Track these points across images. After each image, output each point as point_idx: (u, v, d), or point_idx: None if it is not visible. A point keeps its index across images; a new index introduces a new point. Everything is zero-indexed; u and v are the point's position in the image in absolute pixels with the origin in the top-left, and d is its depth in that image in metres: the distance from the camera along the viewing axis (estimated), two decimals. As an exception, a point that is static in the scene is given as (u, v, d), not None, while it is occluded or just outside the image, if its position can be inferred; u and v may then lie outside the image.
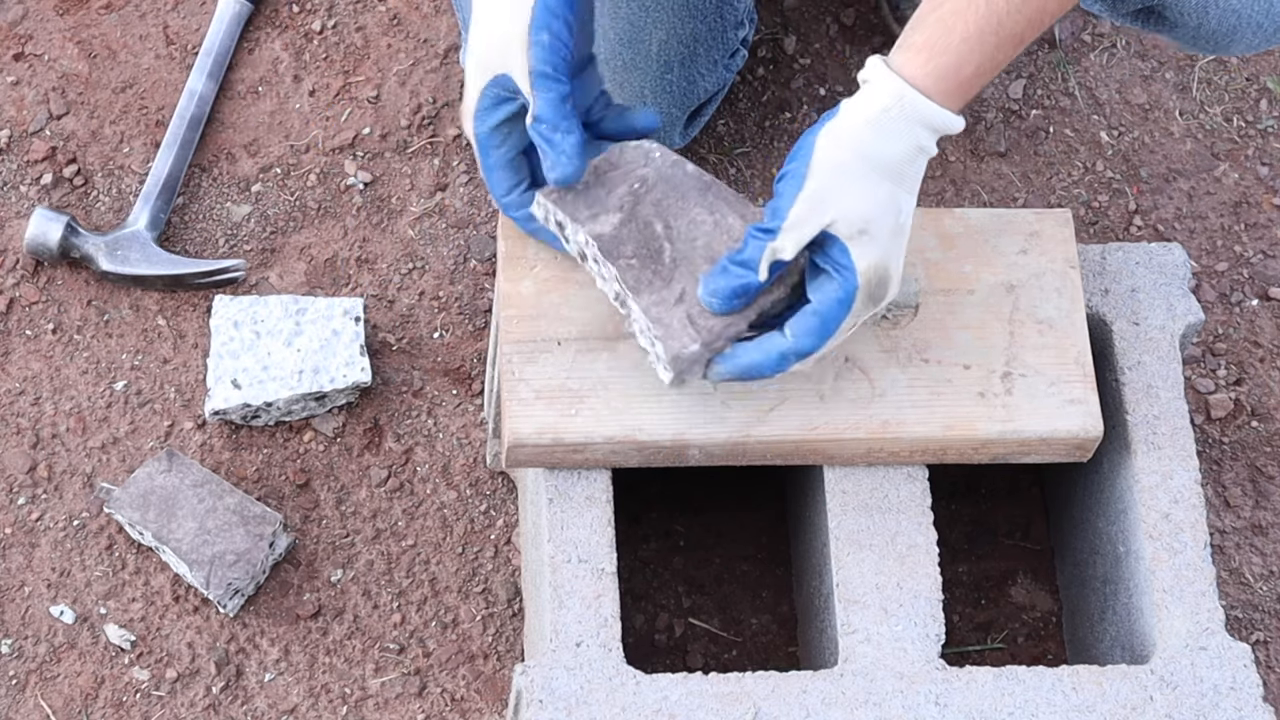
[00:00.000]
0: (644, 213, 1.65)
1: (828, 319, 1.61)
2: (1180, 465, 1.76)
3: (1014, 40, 1.61)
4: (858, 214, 1.58)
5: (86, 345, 2.07)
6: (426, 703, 1.94)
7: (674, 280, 1.64)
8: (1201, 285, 2.14)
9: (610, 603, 1.68)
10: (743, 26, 2.06)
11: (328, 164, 2.16)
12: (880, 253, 1.60)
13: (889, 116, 1.58)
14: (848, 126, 1.59)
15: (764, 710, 1.66)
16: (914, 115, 1.59)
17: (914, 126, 1.59)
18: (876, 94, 1.59)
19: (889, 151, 1.59)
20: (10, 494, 2.00)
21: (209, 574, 1.92)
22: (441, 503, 2.02)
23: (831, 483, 1.74)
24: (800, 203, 1.58)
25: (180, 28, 2.22)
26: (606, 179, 1.66)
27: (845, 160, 1.58)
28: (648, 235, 1.65)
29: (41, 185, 2.13)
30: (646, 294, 1.63)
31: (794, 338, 1.61)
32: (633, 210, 1.65)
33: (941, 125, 1.60)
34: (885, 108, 1.58)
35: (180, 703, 1.93)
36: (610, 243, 1.64)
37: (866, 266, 1.60)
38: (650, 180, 1.66)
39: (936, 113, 1.59)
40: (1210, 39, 1.82)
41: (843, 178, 1.58)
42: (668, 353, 1.62)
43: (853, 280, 1.59)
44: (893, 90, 1.58)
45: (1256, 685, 1.69)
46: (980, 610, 2.02)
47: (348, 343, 2.02)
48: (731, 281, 1.60)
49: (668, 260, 1.64)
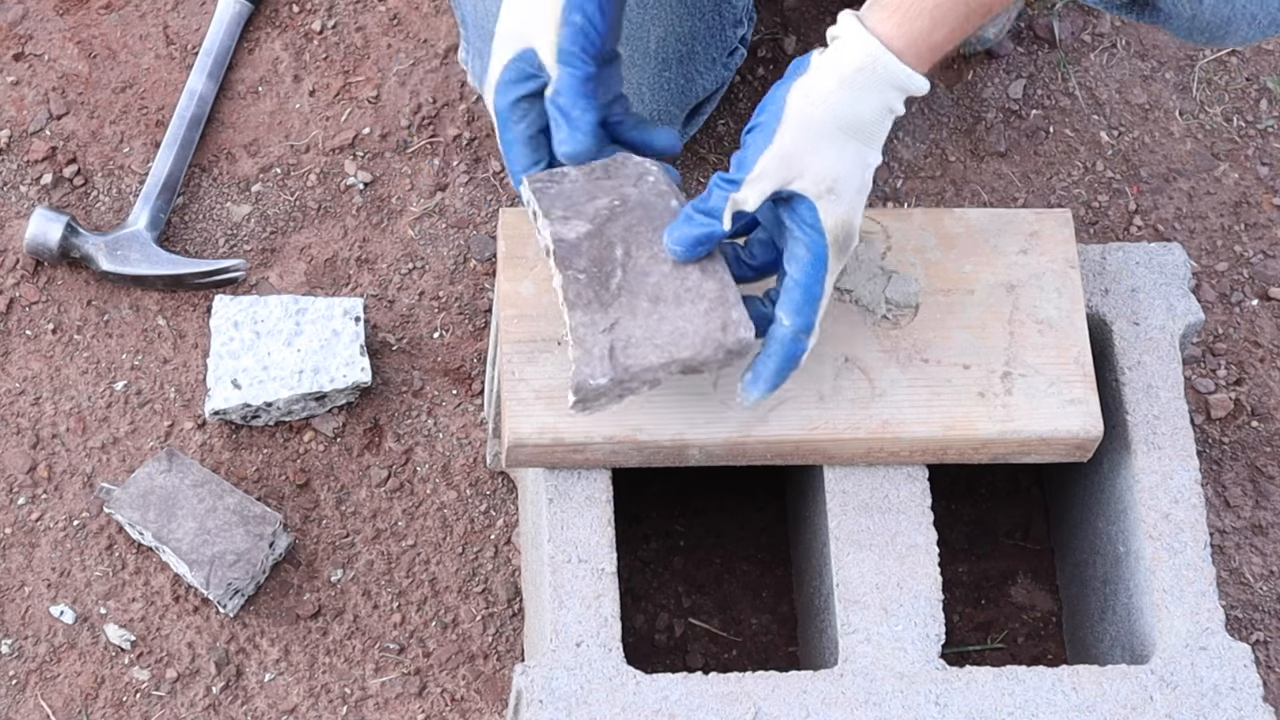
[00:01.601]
0: (611, 232, 1.64)
1: (810, 284, 1.61)
2: (1180, 465, 1.76)
3: (983, 9, 1.62)
4: (827, 173, 1.59)
5: (86, 345, 2.07)
6: (426, 703, 1.94)
7: (611, 307, 1.62)
8: (1201, 285, 2.14)
9: (610, 603, 1.68)
10: (741, 24, 2.06)
11: (328, 164, 2.16)
12: (845, 209, 1.61)
13: (862, 76, 1.59)
14: (819, 84, 1.59)
15: (764, 710, 1.66)
16: (886, 76, 1.59)
17: (885, 87, 1.59)
18: (850, 52, 1.59)
19: (860, 111, 1.59)
20: (10, 494, 2.00)
21: (209, 574, 1.92)
22: (441, 503, 2.02)
23: (831, 483, 1.74)
24: (767, 156, 1.58)
25: (180, 28, 2.22)
26: (596, 185, 1.65)
27: (817, 117, 1.58)
28: (605, 255, 1.63)
29: (41, 185, 2.13)
30: (580, 312, 1.62)
31: (790, 317, 1.62)
32: (602, 226, 1.64)
33: (910, 86, 1.60)
34: (859, 67, 1.58)
35: (180, 703, 1.93)
36: (567, 250, 1.63)
37: (834, 224, 1.61)
38: (630, 202, 1.65)
39: (908, 75, 1.59)
40: (1205, 30, 1.82)
41: (814, 136, 1.59)
42: (575, 377, 1.61)
43: (821, 240, 1.60)
44: (867, 50, 1.58)
45: (1256, 685, 1.69)
46: (980, 610, 2.02)
47: (348, 342, 2.02)
48: (694, 229, 1.60)
49: (613, 287, 1.63)
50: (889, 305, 1.75)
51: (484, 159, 2.16)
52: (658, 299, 1.63)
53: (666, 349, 1.62)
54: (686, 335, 1.61)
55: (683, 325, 1.62)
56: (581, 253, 1.63)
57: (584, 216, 1.64)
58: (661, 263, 1.63)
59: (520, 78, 1.66)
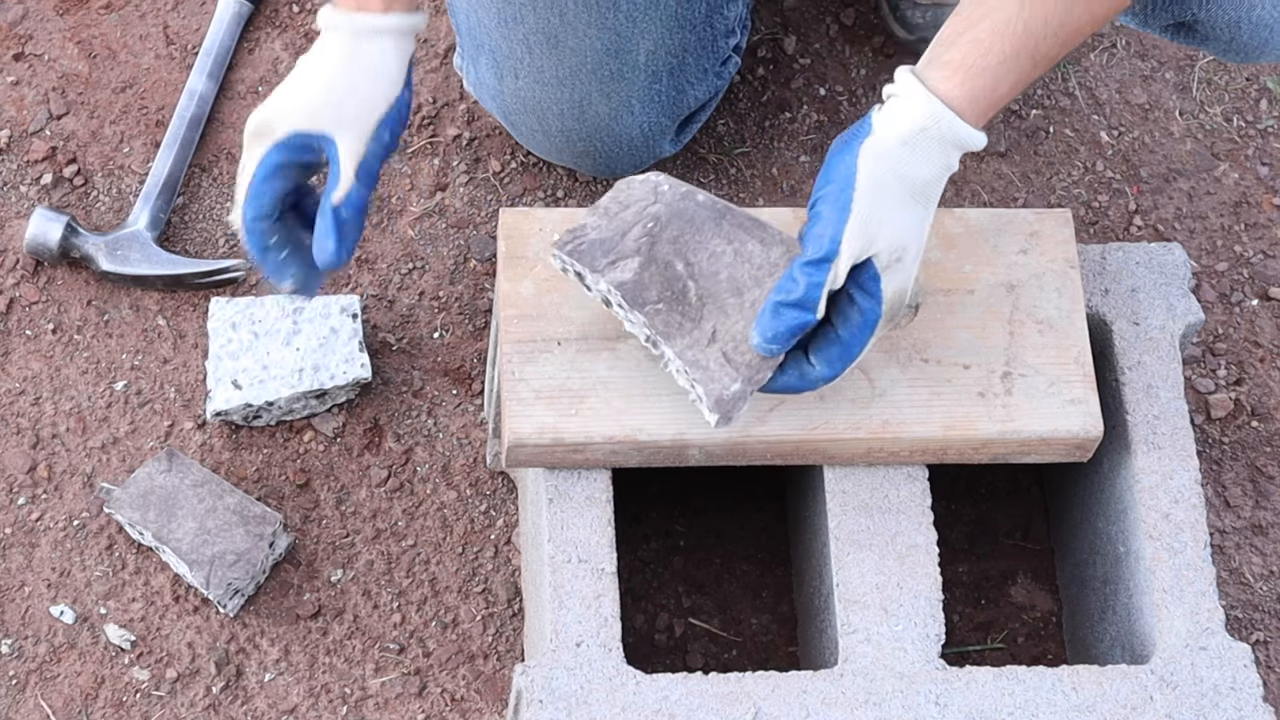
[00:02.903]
0: (662, 253, 1.64)
1: (852, 345, 1.60)
2: (1180, 465, 1.76)
3: (1047, 61, 1.59)
4: (897, 241, 1.57)
5: (86, 345, 2.07)
6: (426, 703, 1.94)
7: (703, 319, 1.62)
8: (1201, 285, 2.14)
9: (610, 603, 1.68)
10: (734, 34, 2.05)
11: (328, 164, 2.16)
12: (905, 277, 1.60)
13: (926, 137, 1.57)
14: (884, 147, 1.56)
15: (764, 710, 1.66)
16: (949, 136, 1.57)
17: (947, 147, 1.58)
18: (912, 112, 1.57)
19: (922, 173, 1.57)
20: (10, 494, 2.00)
21: (209, 574, 1.92)
22: (441, 503, 2.02)
23: (831, 483, 1.74)
24: (850, 232, 1.55)
25: (180, 28, 2.22)
26: (618, 220, 1.65)
27: (886, 183, 1.56)
28: (669, 276, 1.63)
29: (41, 185, 2.13)
30: (679, 338, 1.62)
31: (820, 366, 1.61)
32: (650, 252, 1.63)
33: (970, 144, 1.59)
34: (922, 128, 1.56)
35: (180, 703, 1.93)
36: (633, 290, 1.62)
37: (892, 293, 1.59)
38: (663, 217, 1.64)
39: (969, 133, 1.58)
40: (1242, 50, 1.82)
41: (885, 202, 1.56)
42: (709, 396, 1.61)
43: (878, 309, 1.59)
44: (930, 110, 1.56)
45: (1256, 685, 1.69)
46: (980, 610, 2.02)
47: (346, 339, 2.02)
48: (790, 323, 1.58)
49: (694, 300, 1.63)
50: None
51: (484, 159, 2.16)
52: (739, 290, 1.62)
53: None
54: None
55: None
56: (646, 285, 1.62)
57: (628, 252, 1.64)
58: (723, 256, 1.63)
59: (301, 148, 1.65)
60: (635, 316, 1.63)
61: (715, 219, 1.65)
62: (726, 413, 1.62)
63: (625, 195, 1.66)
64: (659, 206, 1.65)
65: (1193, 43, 1.85)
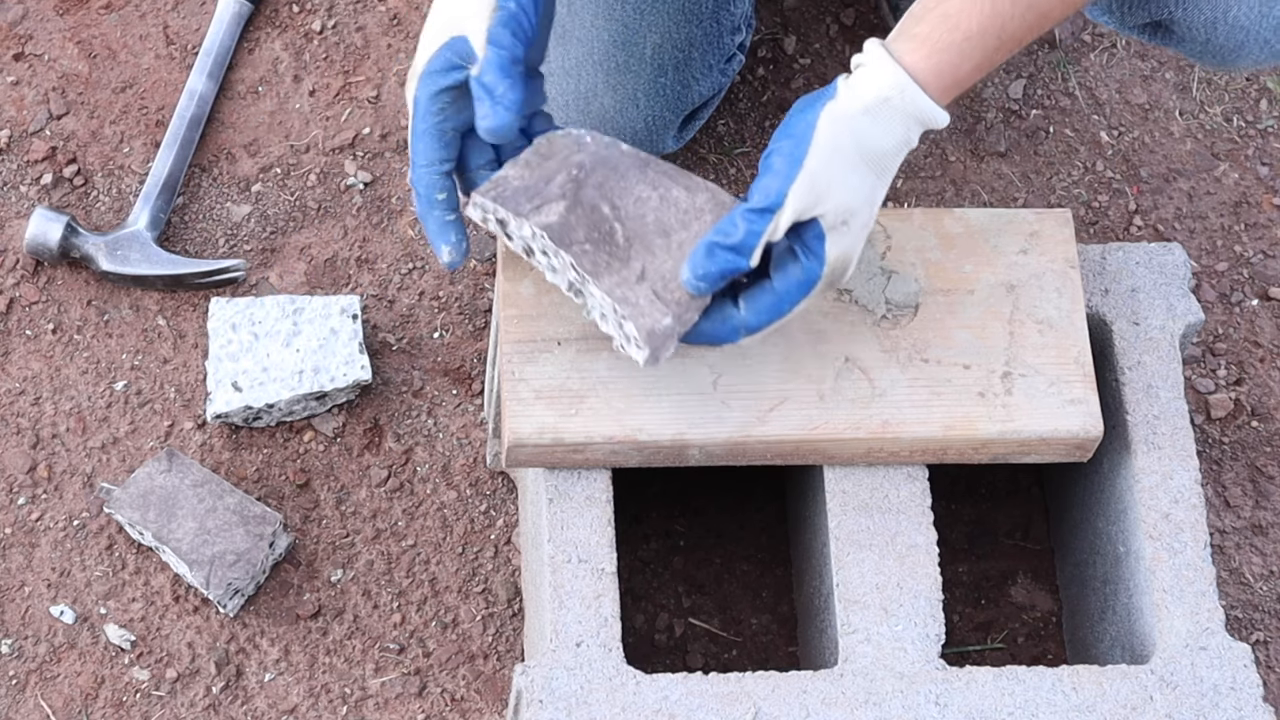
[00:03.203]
0: (588, 197, 1.63)
1: (784, 299, 1.60)
2: (1180, 465, 1.76)
3: (1014, 42, 1.60)
4: (845, 205, 1.58)
5: (86, 345, 2.07)
6: (426, 703, 1.94)
7: (631, 259, 1.62)
8: (1201, 285, 2.14)
9: (610, 603, 1.68)
10: (739, 32, 2.05)
11: (328, 164, 2.16)
12: (850, 243, 1.60)
13: (888, 107, 1.58)
14: (846, 111, 1.57)
15: (764, 710, 1.66)
16: (911, 109, 1.58)
17: (908, 120, 1.58)
18: (877, 81, 1.58)
19: (881, 142, 1.58)
20: (10, 494, 2.00)
21: (209, 574, 1.92)
22: (441, 503, 2.02)
23: (831, 483, 1.74)
24: (798, 186, 1.56)
25: (180, 28, 2.22)
26: (543, 168, 1.64)
27: (844, 147, 1.57)
28: (596, 218, 1.62)
29: (41, 185, 2.13)
30: (607, 276, 1.61)
31: (748, 313, 1.61)
32: (576, 196, 1.63)
33: (932, 119, 1.59)
34: (885, 98, 1.57)
35: (180, 703, 1.93)
36: (560, 231, 1.61)
37: (836, 256, 1.59)
38: (587, 165, 1.64)
39: (930, 108, 1.58)
40: (1218, 53, 1.82)
41: (839, 164, 1.57)
42: (640, 330, 1.60)
43: (819, 269, 1.59)
44: (894, 81, 1.57)
45: (1256, 685, 1.69)
46: (980, 610, 2.02)
47: (346, 341, 2.02)
48: (723, 265, 1.58)
49: (621, 240, 1.63)
50: (889, 305, 1.75)
51: (484, 159, 2.16)
52: (666, 232, 1.62)
53: None
54: None
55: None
56: (573, 226, 1.62)
57: (553, 197, 1.63)
58: (649, 201, 1.63)
59: (446, 67, 1.61)
60: (561, 258, 1.61)
61: (640, 166, 1.65)
62: (656, 349, 1.60)
63: (547, 148, 1.65)
64: (583, 155, 1.64)
65: (1168, 44, 1.85)
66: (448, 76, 1.61)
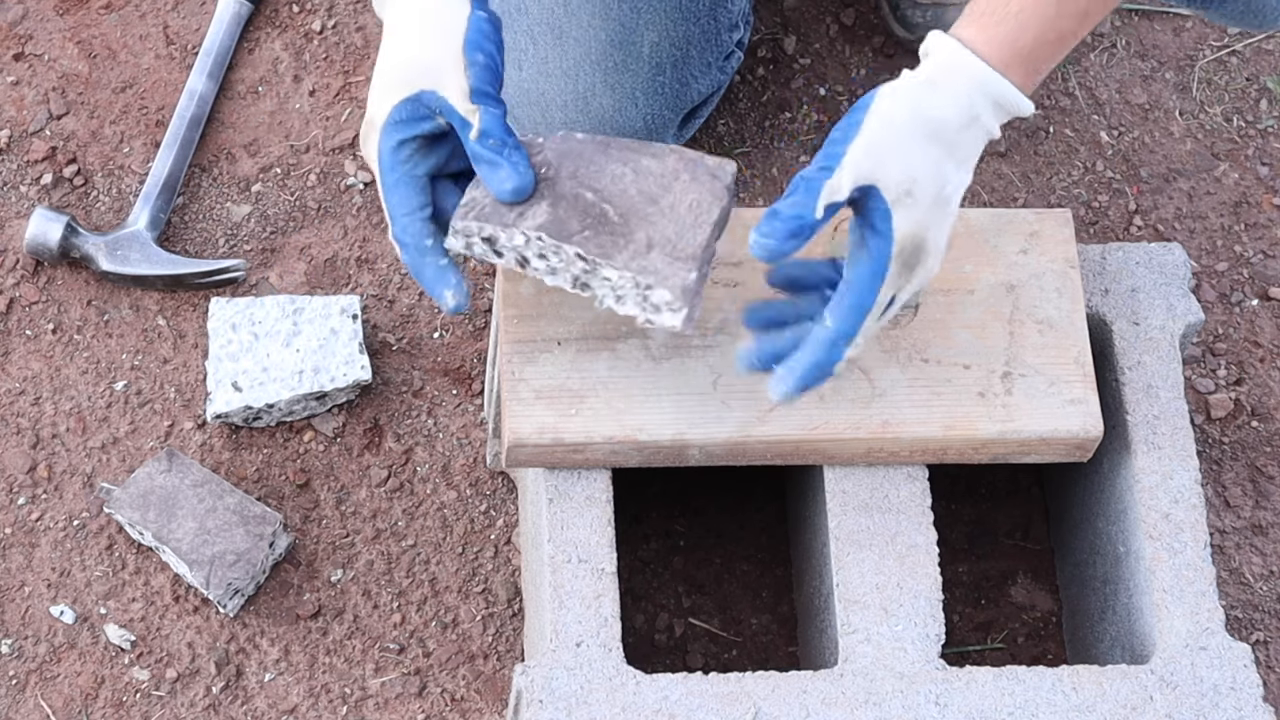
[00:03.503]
0: (567, 189, 1.62)
1: (863, 292, 1.57)
2: (1180, 465, 1.76)
3: (1076, 14, 1.59)
4: (906, 174, 1.56)
5: (86, 345, 2.07)
6: (426, 703, 1.94)
7: (633, 232, 1.61)
8: (1201, 285, 2.14)
9: (610, 603, 1.68)
10: (737, 29, 2.05)
11: (328, 164, 2.16)
12: (919, 219, 1.57)
13: (944, 74, 1.57)
14: (904, 86, 1.58)
15: (764, 710, 1.66)
16: (970, 77, 1.57)
17: (971, 90, 1.57)
18: (934, 57, 1.59)
19: (942, 112, 1.57)
20: (10, 494, 2.00)
21: (209, 574, 1.92)
22: (441, 503, 2.02)
23: (831, 483, 1.74)
24: (855, 147, 1.55)
25: (180, 28, 2.22)
26: None
27: (900, 118, 1.56)
28: (584, 206, 1.62)
29: (41, 185, 2.13)
30: (619, 254, 1.60)
31: (833, 321, 1.58)
32: (555, 191, 1.62)
33: (1000, 94, 1.58)
34: (941, 66, 1.58)
35: (180, 703, 1.93)
36: (555, 227, 1.60)
37: (904, 233, 1.56)
38: (552, 161, 1.63)
39: (993, 78, 1.57)
40: (1259, 13, 1.81)
41: (895, 135, 1.56)
42: (672, 290, 1.58)
43: (888, 248, 1.56)
44: (949, 49, 1.57)
45: (1256, 685, 1.69)
46: (980, 610, 2.02)
47: (346, 341, 2.02)
48: (788, 222, 1.54)
49: (615, 218, 1.62)
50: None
51: (484, 159, 2.16)
52: (653, 198, 1.63)
53: (700, 222, 1.62)
54: (700, 201, 1.63)
55: (688, 199, 1.63)
56: (564, 219, 1.61)
57: (532, 200, 1.62)
58: (624, 177, 1.64)
59: (414, 118, 1.60)
60: (564, 253, 1.60)
61: (602, 148, 1.65)
62: (690, 305, 1.59)
63: None
64: (543, 154, 1.64)
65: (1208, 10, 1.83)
66: (416, 127, 1.60)
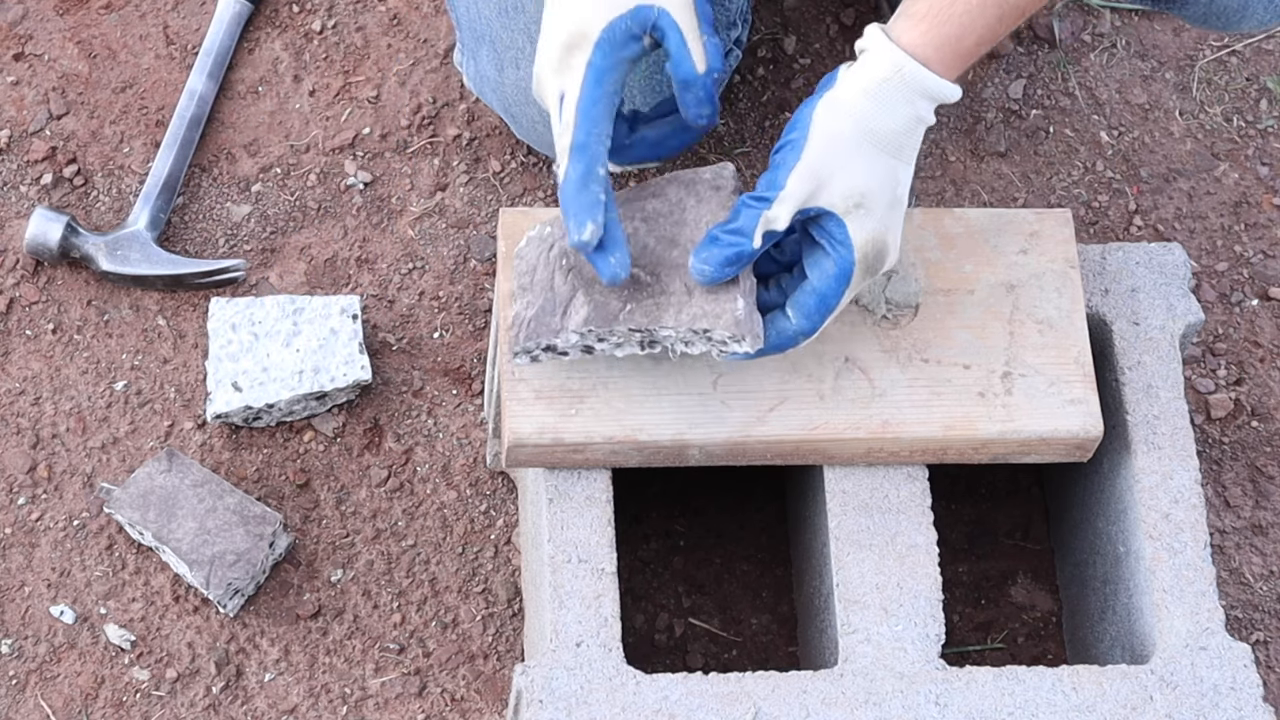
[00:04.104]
0: (591, 273, 1.63)
1: (827, 295, 1.60)
2: (1180, 465, 1.76)
3: (1016, 13, 1.59)
4: (853, 188, 1.57)
5: (86, 345, 2.07)
6: (426, 703, 1.94)
7: (669, 285, 1.62)
8: (1201, 285, 2.14)
9: (610, 603, 1.68)
10: (735, 27, 2.05)
11: (328, 164, 2.16)
12: (876, 225, 1.59)
13: (888, 87, 1.57)
14: (845, 98, 1.57)
15: (764, 710, 1.66)
16: (913, 86, 1.57)
17: (913, 97, 1.58)
18: (875, 64, 1.58)
19: (887, 124, 1.58)
20: (10, 494, 2.00)
21: (209, 574, 1.92)
22: (441, 503, 2.02)
23: (831, 483, 1.74)
24: (796, 174, 1.56)
25: (180, 28, 2.22)
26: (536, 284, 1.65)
27: (843, 132, 1.57)
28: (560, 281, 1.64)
29: (41, 185, 2.13)
30: (667, 314, 1.61)
31: (795, 318, 1.61)
32: (583, 279, 1.63)
33: (939, 94, 1.58)
34: (884, 79, 1.57)
35: (180, 703, 1.93)
36: (600, 315, 1.62)
37: (864, 240, 1.59)
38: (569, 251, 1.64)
39: (935, 83, 1.58)
40: (1221, 15, 1.81)
41: (840, 151, 1.57)
42: (729, 328, 1.59)
43: (849, 256, 1.59)
44: (891, 61, 1.57)
45: (1256, 685, 1.69)
46: (980, 610, 2.02)
47: (346, 341, 2.02)
48: (724, 250, 1.57)
49: (647, 278, 1.62)
50: (889, 305, 1.75)
51: (484, 159, 2.16)
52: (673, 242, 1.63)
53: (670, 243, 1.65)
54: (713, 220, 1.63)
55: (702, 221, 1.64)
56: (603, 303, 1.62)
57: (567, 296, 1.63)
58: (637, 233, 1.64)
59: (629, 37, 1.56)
60: (619, 330, 1.62)
61: None
62: (751, 330, 1.60)
63: (524, 264, 1.67)
64: (557, 246, 1.65)
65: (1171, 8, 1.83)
66: (627, 48, 1.57)
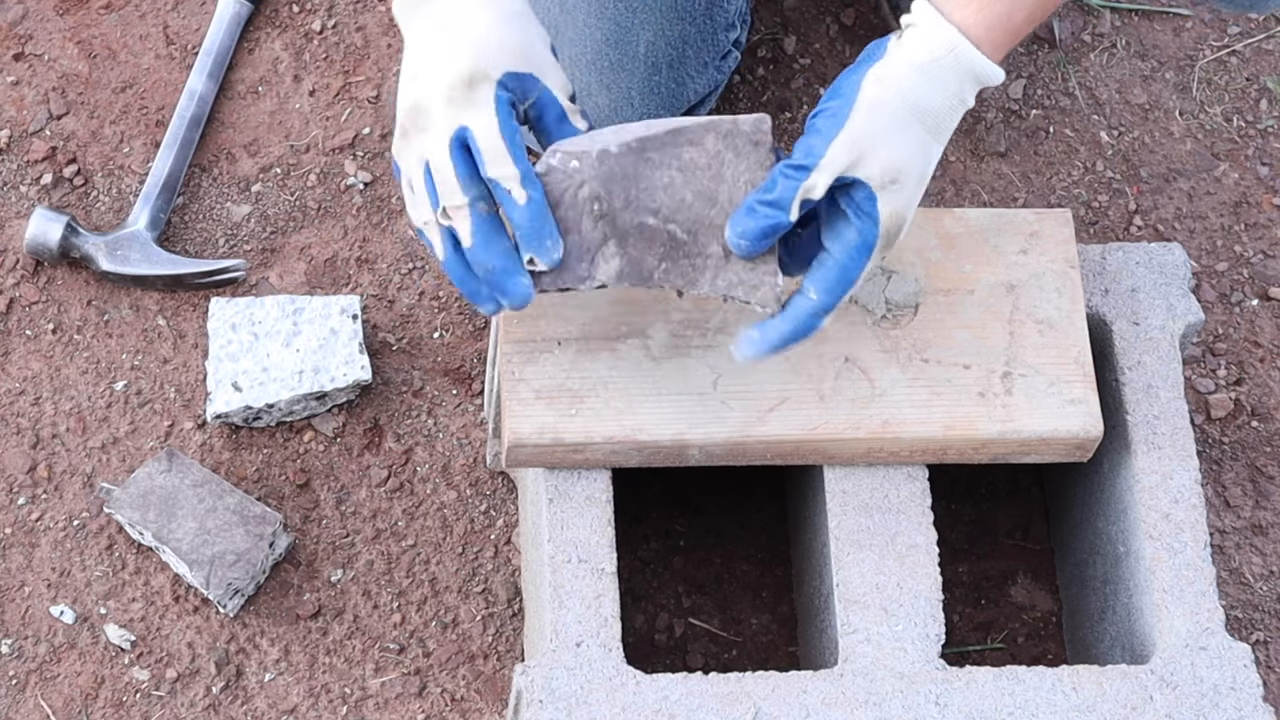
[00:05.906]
0: (626, 221, 1.58)
1: (849, 268, 1.57)
2: (1180, 465, 1.76)
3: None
4: (892, 163, 1.56)
5: (86, 345, 2.07)
6: (426, 703, 1.94)
7: (706, 246, 1.59)
8: (1201, 285, 2.14)
9: (610, 603, 1.68)
10: (734, 28, 2.05)
11: (328, 164, 2.16)
12: (904, 202, 1.57)
13: (940, 66, 1.56)
14: (896, 71, 1.56)
15: (764, 710, 1.66)
16: (964, 66, 1.56)
17: (962, 77, 1.56)
18: (928, 41, 1.56)
19: (934, 102, 1.56)
20: (10, 494, 2.00)
21: (209, 574, 1.92)
22: (441, 503, 2.02)
23: (831, 483, 1.74)
24: (839, 142, 1.54)
25: (180, 28, 2.22)
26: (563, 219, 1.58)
27: (890, 104, 1.55)
28: (649, 234, 1.58)
29: (41, 185, 2.13)
30: (702, 276, 1.59)
31: (818, 295, 1.58)
32: (617, 229, 1.59)
33: (986, 76, 1.57)
34: (937, 57, 1.55)
35: (180, 703, 1.93)
36: (633, 270, 1.59)
37: (889, 214, 1.57)
38: (600, 193, 1.58)
39: (984, 64, 1.56)
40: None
41: (885, 124, 1.55)
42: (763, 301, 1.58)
43: (875, 229, 1.57)
44: (946, 38, 1.56)
45: (1256, 685, 1.69)
46: (980, 610, 2.02)
47: (346, 341, 2.02)
48: (761, 222, 1.56)
49: (684, 236, 1.59)
50: (889, 305, 1.75)
51: (484, 159, 2.16)
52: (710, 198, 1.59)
53: None
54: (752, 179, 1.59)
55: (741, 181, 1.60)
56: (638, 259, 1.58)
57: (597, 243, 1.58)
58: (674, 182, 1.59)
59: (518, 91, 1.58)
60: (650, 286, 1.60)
61: (640, 156, 1.59)
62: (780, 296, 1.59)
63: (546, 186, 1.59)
64: (587, 188, 1.58)
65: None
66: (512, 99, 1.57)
